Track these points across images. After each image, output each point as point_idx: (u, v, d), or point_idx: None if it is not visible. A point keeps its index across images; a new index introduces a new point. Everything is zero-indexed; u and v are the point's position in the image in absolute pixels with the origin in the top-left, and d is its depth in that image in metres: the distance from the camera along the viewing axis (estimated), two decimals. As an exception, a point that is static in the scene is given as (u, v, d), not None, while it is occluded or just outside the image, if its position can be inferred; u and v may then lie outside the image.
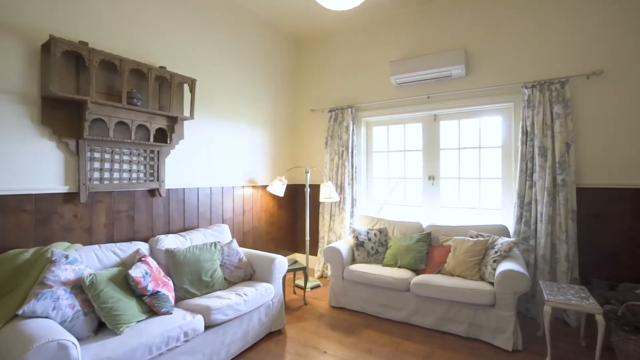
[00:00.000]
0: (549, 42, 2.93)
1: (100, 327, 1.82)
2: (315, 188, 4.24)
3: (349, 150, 3.82)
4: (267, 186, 3.89)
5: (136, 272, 1.96)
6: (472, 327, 2.49)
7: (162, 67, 2.54)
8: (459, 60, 3.15)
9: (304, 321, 2.83)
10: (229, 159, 3.41)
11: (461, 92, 3.33)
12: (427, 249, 3.03)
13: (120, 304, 1.82)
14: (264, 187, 3.86)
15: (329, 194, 3.56)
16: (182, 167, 2.93)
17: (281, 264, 2.64)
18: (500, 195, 3.26)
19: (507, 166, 3.21)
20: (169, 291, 2.08)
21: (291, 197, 4.32)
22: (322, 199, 3.59)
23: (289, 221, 4.29)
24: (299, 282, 3.66)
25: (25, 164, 2.01)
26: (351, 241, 3.31)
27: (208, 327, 2.06)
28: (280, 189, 3.61)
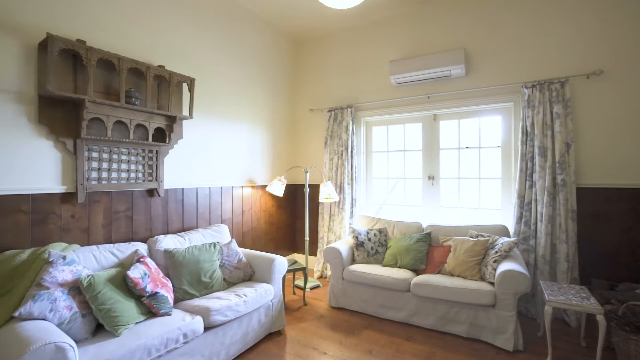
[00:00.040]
0: (548, 41, 2.93)
1: (98, 329, 1.80)
2: (314, 188, 4.23)
3: (349, 150, 3.81)
4: (266, 186, 3.87)
5: (135, 273, 1.94)
6: (472, 328, 2.48)
7: (161, 66, 2.52)
8: (458, 60, 3.14)
9: (304, 322, 2.81)
10: (228, 158, 3.39)
11: (461, 91, 3.32)
12: (427, 249, 3.02)
13: (118, 305, 1.80)
14: (263, 187, 3.84)
15: (328, 193, 3.55)
16: (181, 167, 2.90)
17: (281, 265, 2.62)
18: (500, 195, 3.26)
19: (507, 166, 3.21)
20: (168, 292, 2.06)
21: (290, 197, 4.30)
22: (322, 199, 3.58)
23: (288, 221, 4.28)
24: (299, 283, 3.65)
25: (22, 163, 1.99)
26: (351, 241, 3.30)
27: (207, 328, 2.04)
28: (279, 189, 3.59)
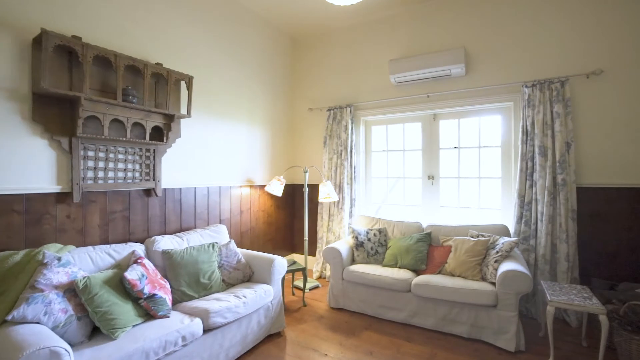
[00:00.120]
0: (548, 41, 2.93)
1: (95, 332, 1.75)
2: (313, 188, 4.20)
3: (348, 149, 3.79)
4: (264, 186, 3.83)
5: (132, 275, 1.89)
6: (474, 328, 2.46)
7: (159, 64, 2.48)
8: (458, 59, 3.13)
9: (304, 323, 2.78)
10: (226, 158, 3.35)
11: (461, 91, 3.31)
12: (428, 249, 3.01)
13: (115, 307, 1.76)
14: (261, 186, 3.80)
15: (328, 193, 3.52)
16: (179, 166, 2.86)
17: (280, 265, 2.59)
18: (499, 194, 3.25)
19: (507, 165, 3.20)
20: (166, 294, 2.02)
21: (289, 197, 4.26)
22: (321, 199, 3.55)
23: (286, 221, 4.24)
24: (298, 283, 3.61)
25: (15, 162, 1.93)
26: (351, 241, 3.28)
27: (206, 330, 2.01)
28: (278, 189, 3.56)
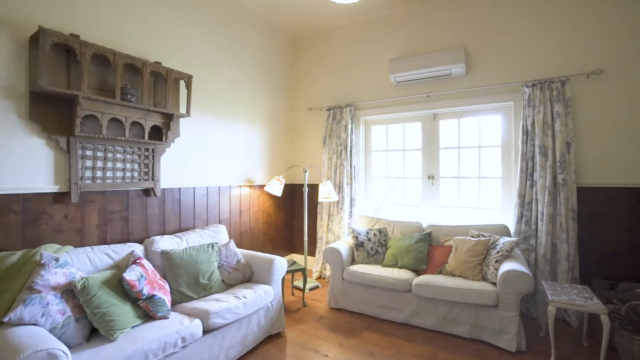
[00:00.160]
0: (549, 41, 2.93)
1: (93, 334, 1.73)
2: (313, 188, 4.19)
3: (348, 149, 3.78)
4: (264, 186, 3.81)
5: (131, 275, 1.87)
6: (474, 329, 2.46)
7: (158, 63, 2.45)
8: (459, 58, 3.12)
9: (304, 323, 2.77)
10: (225, 157, 3.33)
11: (461, 90, 3.30)
12: (428, 249, 3.00)
13: (114, 308, 1.74)
14: (261, 186, 3.78)
15: (328, 193, 3.50)
16: (178, 166, 2.84)
17: (280, 266, 2.57)
18: (500, 194, 3.24)
19: (507, 165, 3.20)
20: (165, 294, 2.00)
21: (288, 197, 4.25)
22: (321, 199, 3.53)
23: (285, 221, 4.22)
24: (297, 284, 3.60)
25: (12, 161, 1.91)
26: (351, 241, 3.26)
27: (206, 331, 1.99)
28: (278, 189, 3.54)
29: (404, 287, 2.69)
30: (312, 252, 4.26)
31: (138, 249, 2.28)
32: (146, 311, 1.89)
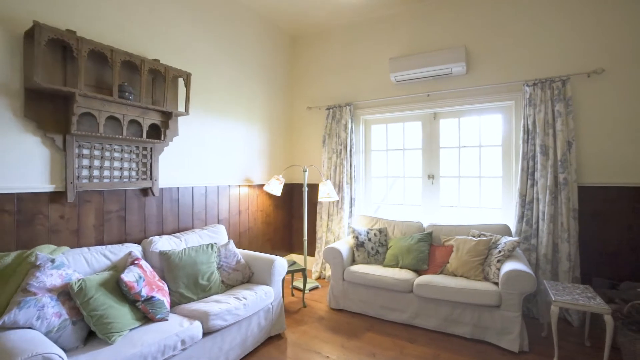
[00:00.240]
0: (549, 40, 2.92)
1: (90, 337, 1.69)
2: (312, 187, 4.15)
3: (347, 148, 3.75)
4: (263, 185, 3.78)
5: (129, 277, 1.83)
6: (477, 329, 2.44)
7: (156, 60, 2.41)
8: (459, 57, 3.11)
9: (304, 324, 2.74)
10: (224, 157, 3.29)
11: (461, 89, 3.29)
12: (429, 249, 2.98)
13: (111, 311, 1.69)
14: (260, 186, 3.75)
15: (328, 193, 3.48)
16: (177, 165, 2.80)
17: (281, 266, 2.54)
18: (500, 194, 3.23)
19: (508, 165, 3.19)
20: (164, 296, 1.96)
21: (287, 196, 4.21)
22: (321, 198, 3.50)
23: (285, 221, 4.19)
24: (297, 284, 3.57)
25: (7, 160, 1.86)
26: (351, 241, 3.24)
27: (206, 333, 1.95)
28: (277, 188, 3.51)
29: (406, 288, 2.67)
30: (311, 252, 4.23)
31: (136, 249, 2.24)
32: (145, 313, 1.85)
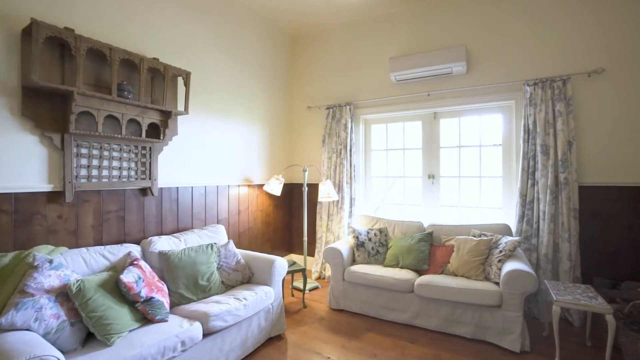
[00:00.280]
0: (549, 40, 2.92)
1: (89, 338, 1.67)
2: (312, 187, 4.14)
3: (347, 148, 3.74)
4: (263, 185, 3.76)
5: (128, 277, 1.81)
6: (478, 329, 2.43)
7: (155, 59, 2.39)
8: (459, 57, 3.10)
9: (304, 325, 2.72)
10: (224, 156, 3.27)
11: (462, 89, 3.29)
12: (429, 249, 2.97)
13: (110, 312, 1.67)
14: (259, 186, 3.73)
15: (328, 192, 3.46)
16: (176, 165, 2.78)
17: (281, 266, 2.52)
18: (501, 193, 3.23)
19: (508, 164, 3.18)
20: (163, 297, 1.94)
21: (287, 196, 4.20)
22: (321, 198, 3.49)
23: (284, 221, 4.17)
24: (297, 284, 3.55)
25: (4, 159, 1.84)
26: (351, 241, 3.22)
27: (206, 334, 1.93)
28: (277, 188, 3.49)
29: (406, 288, 2.66)
30: (311, 252, 4.21)
31: (135, 249, 2.22)
32: (144, 314, 1.83)
